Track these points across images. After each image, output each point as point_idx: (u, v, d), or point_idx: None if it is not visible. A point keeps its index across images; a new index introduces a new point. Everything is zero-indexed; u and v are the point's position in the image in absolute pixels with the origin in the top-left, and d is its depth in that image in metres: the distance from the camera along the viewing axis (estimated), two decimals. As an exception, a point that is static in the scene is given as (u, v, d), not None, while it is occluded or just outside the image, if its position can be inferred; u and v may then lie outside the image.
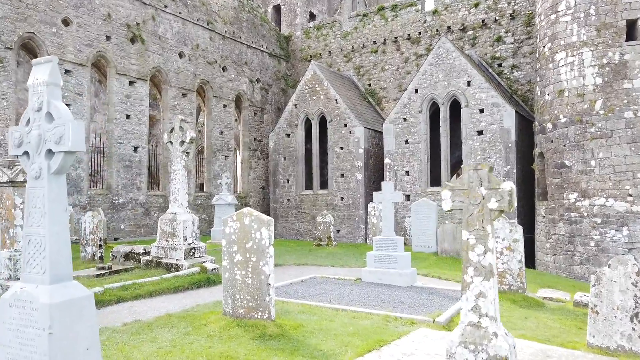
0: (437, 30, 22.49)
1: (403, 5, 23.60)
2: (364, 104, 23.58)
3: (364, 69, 24.71)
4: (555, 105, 14.73)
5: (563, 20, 14.53)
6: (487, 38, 21.25)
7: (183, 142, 10.44)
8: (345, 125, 21.06)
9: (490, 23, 21.16)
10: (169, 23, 20.12)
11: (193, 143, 10.56)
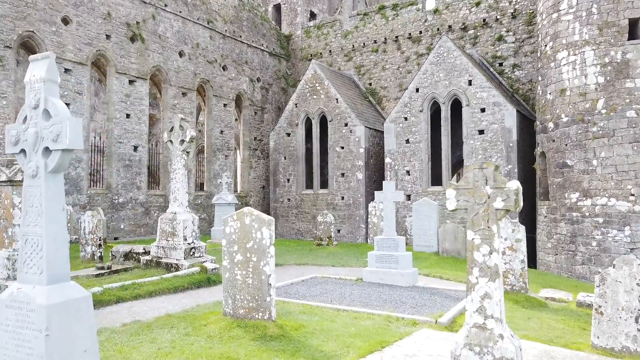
0: (438, 30, 22.42)
1: (404, 4, 23.53)
2: (365, 103, 23.51)
3: (365, 68, 24.64)
4: (557, 105, 14.66)
5: (565, 19, 14.46)
6: (488, 37, 21.18)
7: (183, 141, 10.38)
8: (346, 125, 20.99)
9: (492, 22, 21.10)
10: (169, 22, 20.05)
11: (193, 142, 10.50)
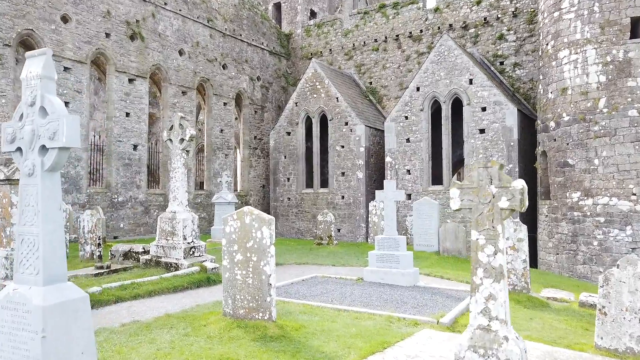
0: (438, 28, 22.35)
1: (404, 3, 23.45)
2: (365, 102, 23.45)
3: (365, 67, 24.57)
4: (559, 104, 14.60)
5: (566, 18, 14.40)
6: (489, 36, 21.11)
7: (183, 139, 10.32)
8: (346, 124, 20.93)
9: (493, 21, 21.03)
10: (169, 20, 19.98)
11: (193, 141, 10.44)
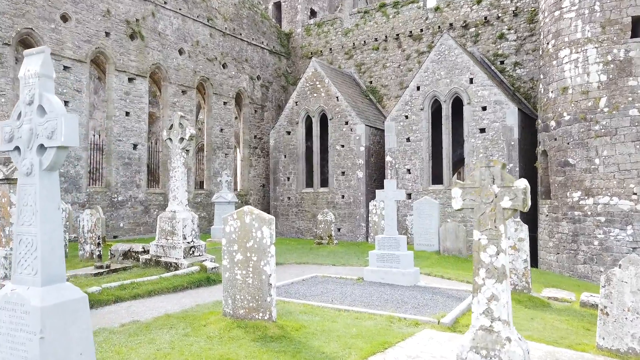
0: (439, 27, 22.31)
1: (405, 2, 23.40)
2: (365, 102, 23.41)
3: (365, 66, 24.53)
4: (559, 103, 14.57)
5: (567, 17, 14.36)
6: (489, 35, 21.07)
7: (182, 139, 10.29)
8: (347, 123, 20.90)
9: (493, 20, 20.99)
10: (169, 19, 19.94)
11: (193, 140, 10.40)
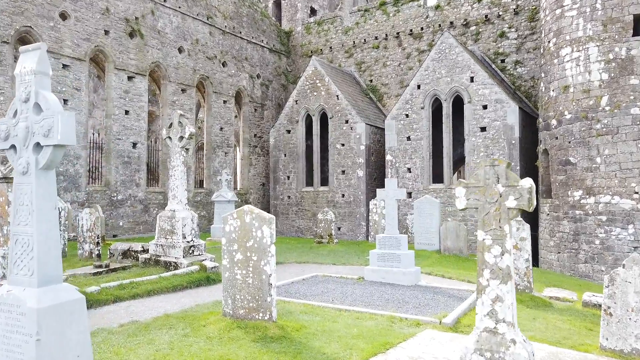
0: (439, 26, 22.23)
1: (405, 0, 23.32)
2: (366, 100, 23.35)
3: (366, 65, 24.45)
4: (560, 102, 14.51)
5: (568, 15, 14.29)
6: (490, 33, 21.00)
7: (182, 137, 10.22)
8: (347, 122, 20.84)
9: (494, 18, 20.91)
10: (168, 17, 19.86)
11: (192, 139, 10.34)
